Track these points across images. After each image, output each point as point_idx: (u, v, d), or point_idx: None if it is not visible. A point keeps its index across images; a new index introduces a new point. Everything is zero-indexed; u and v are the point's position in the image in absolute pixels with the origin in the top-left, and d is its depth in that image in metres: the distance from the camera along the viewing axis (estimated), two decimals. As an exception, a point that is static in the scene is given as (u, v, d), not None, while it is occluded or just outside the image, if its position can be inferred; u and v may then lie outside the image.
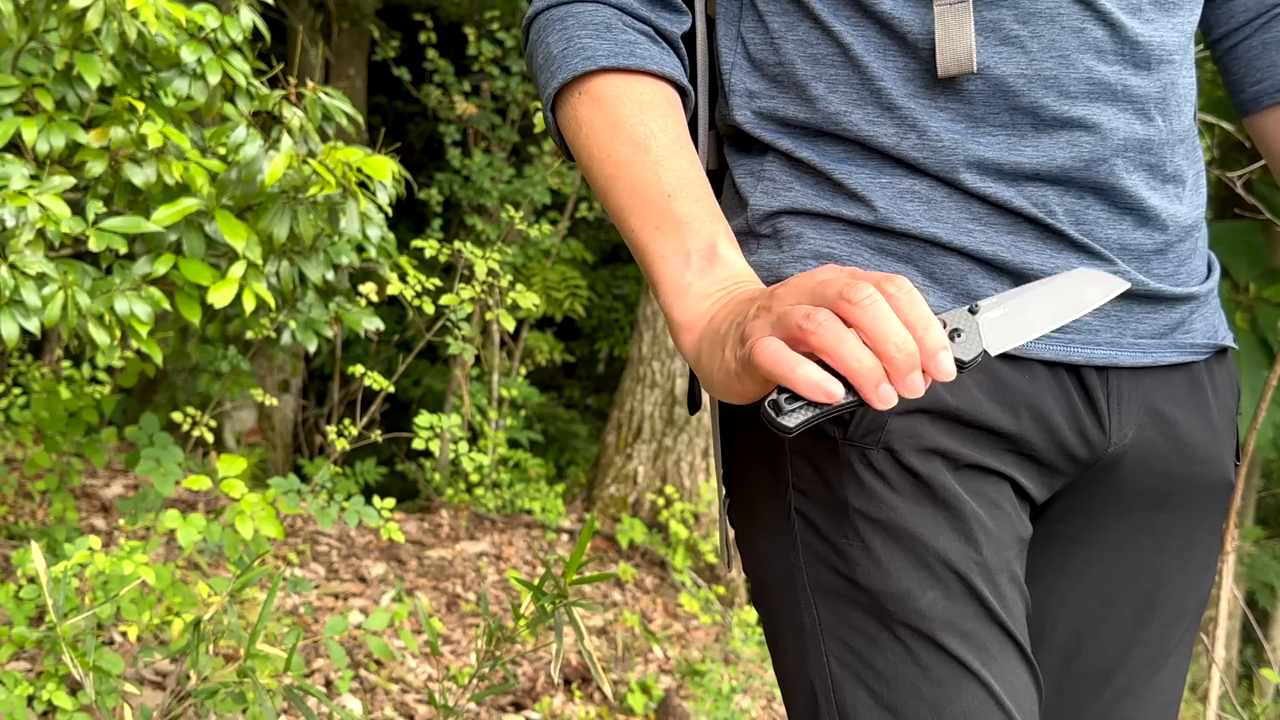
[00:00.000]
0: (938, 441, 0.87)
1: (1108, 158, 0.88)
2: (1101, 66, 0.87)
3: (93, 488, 3.66)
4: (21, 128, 1.68)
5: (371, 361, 5.40)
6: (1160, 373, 0.94)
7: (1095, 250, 0.89)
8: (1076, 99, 0.87)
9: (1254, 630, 6.68)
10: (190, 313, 1.81)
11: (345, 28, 5.42)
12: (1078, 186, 0.89)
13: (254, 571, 1.80)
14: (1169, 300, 0.94)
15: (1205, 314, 0.99)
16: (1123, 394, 0.92)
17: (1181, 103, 0.93)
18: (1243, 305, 5.96)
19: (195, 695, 1.75)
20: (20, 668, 2.13)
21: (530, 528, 4.34)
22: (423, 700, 2.67)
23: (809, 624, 0.89)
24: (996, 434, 0.89)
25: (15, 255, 1.60)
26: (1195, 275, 0.98)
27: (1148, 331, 0.94)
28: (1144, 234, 0.91)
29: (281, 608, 2.92)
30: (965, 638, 0.84)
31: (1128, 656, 0.99)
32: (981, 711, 0.83)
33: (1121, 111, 0.88)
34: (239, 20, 1.90)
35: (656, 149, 0.88)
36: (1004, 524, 0.88)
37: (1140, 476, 0.96)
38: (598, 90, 0.90)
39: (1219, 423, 0.99)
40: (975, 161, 0.88)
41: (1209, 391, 0.99)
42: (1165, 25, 0.90)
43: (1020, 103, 0.88)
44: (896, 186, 0.91)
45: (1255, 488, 7.45)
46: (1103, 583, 0.99)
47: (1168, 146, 0.91)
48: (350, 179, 1.83)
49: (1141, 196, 0.90)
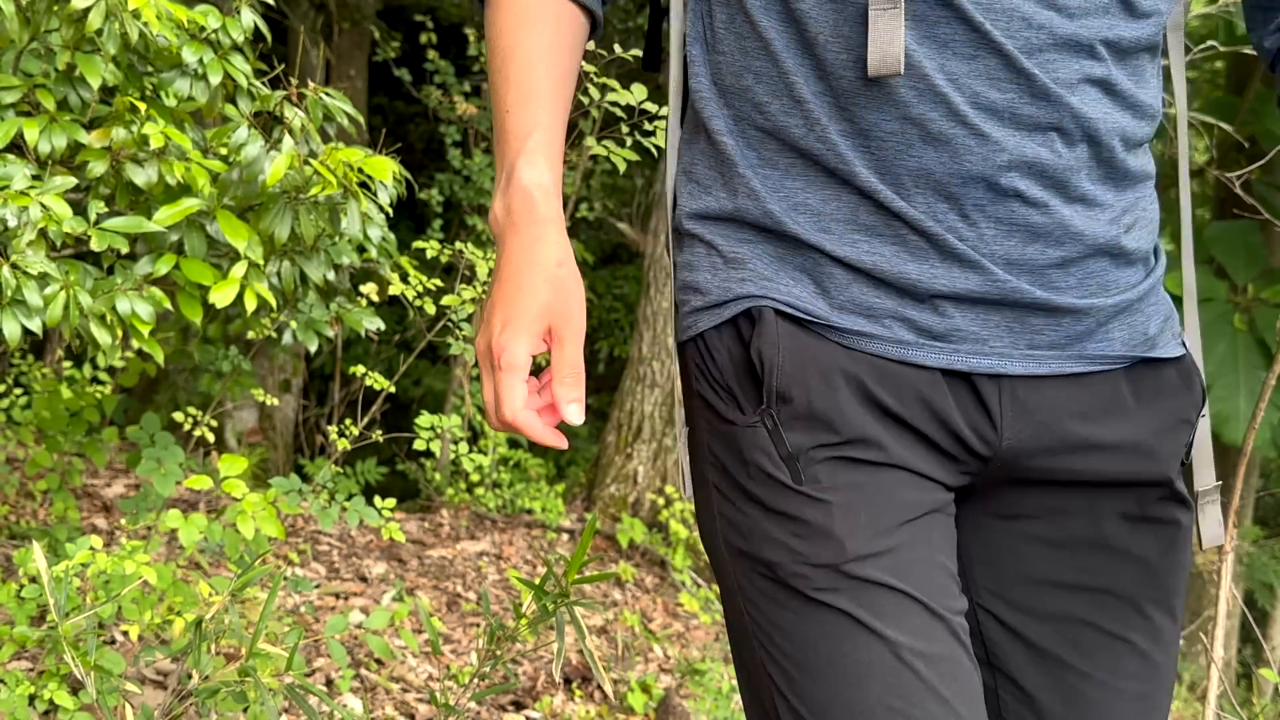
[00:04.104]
0: (816, 436, 0.96)
1: (992, 175, 0.93)
2: (993, 93, 0.92)
3: (94, 487, 3.66)
4: (23, 128, 1.69)
5: (372, 361, 5.40)
6: (1068, 380, 1.00)
7: (974, 261, 0.95)
8: (964, 116, 0.92)
9: (1253, 630, 6.68)
10: (192, 312, 1.82)
11: (346, 29, 5.42)
12: (963, 200, 0.94)
13: (255, 571, 1.81)
14: (1071, 313, 0.98)
15: (1135, 323, 1.03)
16: (1017, 398, 0.98)
17: (1097, 133, 0.96)
18: (1241, 306, 5.96)
19: (197, 694, 1.75)
20: (22, 667, 2.13)
21: (531, 527, 4.34)
22: (424, 699, 2.68)
23: (733, 586, 1.00)
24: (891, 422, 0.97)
25: (17, 255, 1.60)
26: (1113, 287, 1.01)
27: (1045, 342, 0.99)
28: (1037, 249, 0.96)
29: (282, 607, 2.92)
30: (855, 596, 0.93)
31: (1081, 642, 1.04)
32: (878, 662, 0.91)
33: (1012, 133, 0.93)
34: (240, 21, 1.91)
35: (515, 62, 1.01)
36: (882, 500, 0.96)
37: (1057, 472, 1.02)
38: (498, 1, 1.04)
39: (1150, 425, 1.03)
40: (868, 164, 0.95)
41: (1134, 398, 1.03)
42: (1068, 66, 0.94)
43: (909, 114, 0.93)
44: (793, 199, 0.98)
45: (1254, 487, 7.45)
46: (1045, 570, 1.05)
47: (1072, 171, 0.95)
48: (351, 179, 1.84)
49: (1034, 214, 0.95)
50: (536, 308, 0.94)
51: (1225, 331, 5.84)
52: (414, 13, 5.66)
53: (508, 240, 0.97)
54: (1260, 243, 6.27)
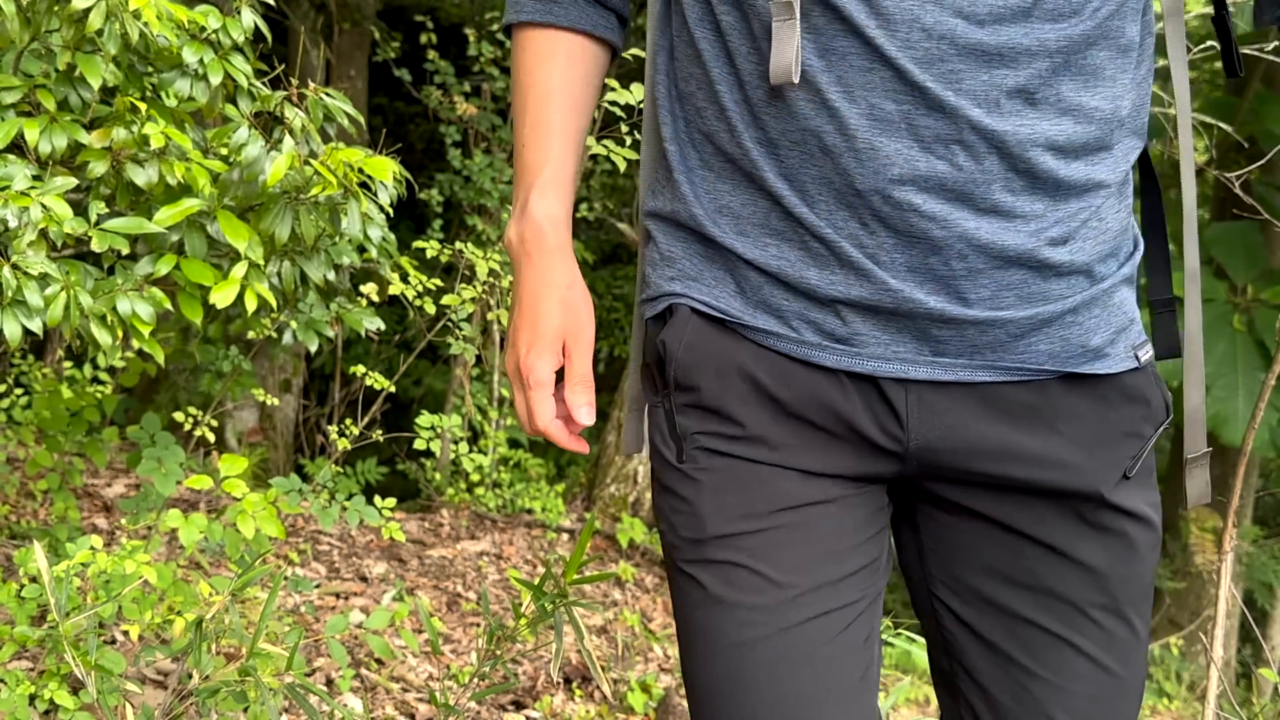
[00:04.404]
0: (706, 424, 1.04)
1: (884, 188, 0.94)
2: (889, 105, 0.93)
3: (94, 487, 3.66)
4: (24, 128, 1.69)
5: (372, 361, 5.40)
6: (981, 387, 1.01)
7: (867, 271, 0.97)
8: (856, 129, 0.94)
9: (1253, 630, 6.68)
10: (192, 313, 1.82)
11: (346, 29, 5.42)
12: (861, 210, 0.96)
13: (255, 571, 1.81)
14: (976, 324, 0.98)
15: (1067, 335, 1.01)
16: (924, 401, 1.00)
17: (1006, 145, 0.94)
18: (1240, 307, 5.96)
19: (197, 694, 1.76)
20: (22, 667, 2.14)
21: (531, 527, 4.35)
22: (424, 699, 2.68)
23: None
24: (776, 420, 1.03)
25: (18, 256, 1.61)
26: (1036, 299, 0.99)
27: (952, 350, 0.99)
28: (939, 260, 0.97)
29: (283, 607, 2.93)
30: (713, 572, 1.03)
31: (1029, 641, 1.07)
32: (725, 638, 1.02)
33: (907, 146, 0.94)
34: (240, 21, 1.91)
35: (532, 100, 1.10)
36: (756, 487, 1.03)
37: (982, 476, 1.04)
38: (520, 39, 1.12)
39: (1081, 438, 1.03)
40: (776, 172, 0.99)
41: (1063, 410, 1.03)
42: (975, 76, 0.93)
43: (808, 125, 0.96)
44: (720, 201, 1.04)
45: (1253, 487, 7.45)
46: (992, 565, 1.08)
47: (978, 184, 0.95)
48: (351, 180, 1.84)
49: (932, 227, 0.95)
50: (552, 330, 1.06)
51: (1225, 332, 5.85)
52: (414, 13, 5.65)
53: (523, 268, 1.10)
54: (1260, 243, 6.27)
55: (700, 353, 1.04)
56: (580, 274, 1.10)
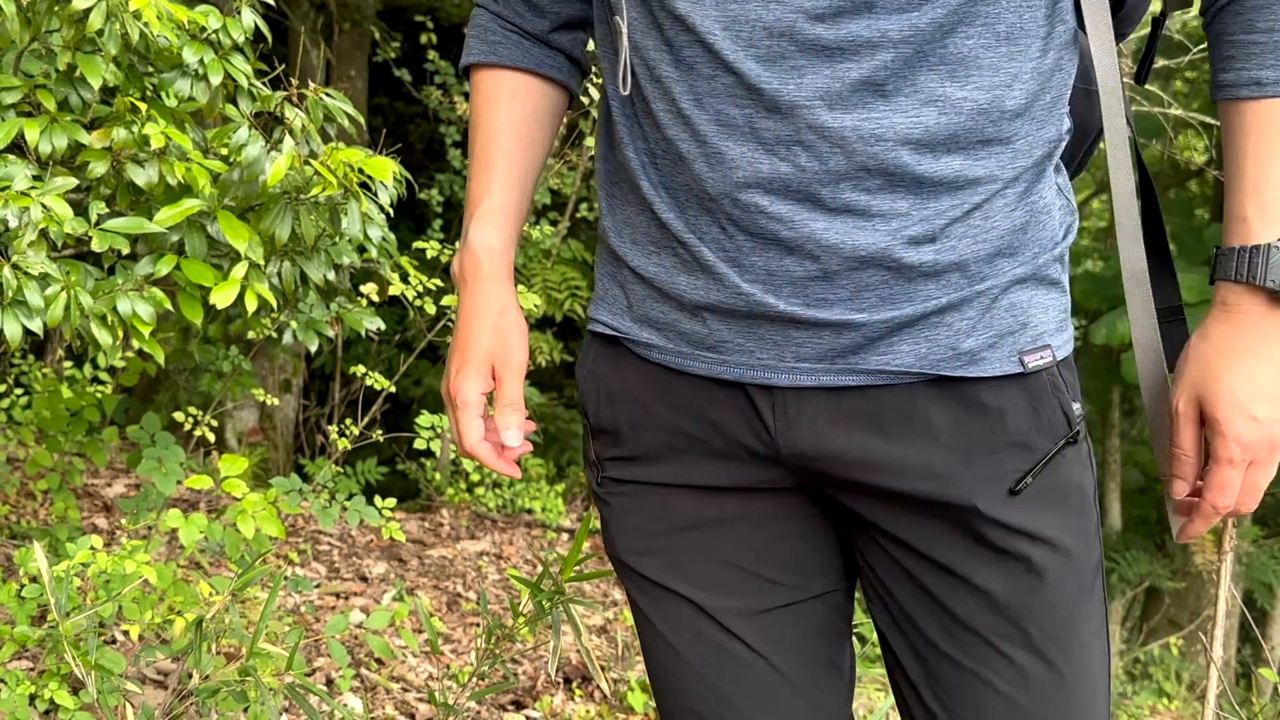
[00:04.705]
0: (607, 449, 1.11)
1: (732, 191, 0.95)
2: (732, 110, 0.95)
3: (95, 487, 3.66)
4: (24, 128, 1.69)
5: (373, 361, 5.40)
6: (843, 392, 0.99)
7: (722, 275, 0.98)
8: (706, 135, 0.96)
9: (1252, 629, 6.68)
10: (192, 313, 1.82)
11: (346, 29, 5.43)
12: (718, 215, 0.97)
13: (255, 571, 1.81)
14: (832, 326, 0.97)
15: (935, 337, 0.98)
16: (789, 408, 1.01)
17: (848, 141, 0.92)
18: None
19: (197, 694, 1.76)
20: (22, 667, 2.14)
21: (531, 527, 4.35)
22: (423, 699, 2.68)
23: None
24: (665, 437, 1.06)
25: (18, 256, 1.61)
26: (900, 299, 0.96)
27: (811, 355, 0.99)
28: (794, 262, 0.96)
29: (283, 607, 2.93)
30: (638, 586, 1.11)
31: (940, 676, 1.06)
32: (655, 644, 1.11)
33: (751, 150, 0.94)
34: (241, 21, 1.91)
35: (480, 136, 1.16)
36: (656, 508, 1.09)
37: (859, 485, 1.02)
38: (474, 80, 1.18)
39: (956, 445, 0.99)
40: (652, 181, 1.03)
41: (936, 416, 0.99)
42: (818, 72, 0.92)
43: (666, 134, 0.99)
44: (623, 213, 1.07)
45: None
46: (896, 583, 1.07)
47: (825, 183, 0.93)
48: (352, 180, 1.84)
49: (781, 229, 0.95)
50: (481, 353, 1.11)
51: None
52: (414, 13, 5.66)
53: (461, 295, 1.15)
54: (1260, 243, 6.25)
55: (599, 379, 1.11)
56: (516, 302, 1.14)
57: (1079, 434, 1.03)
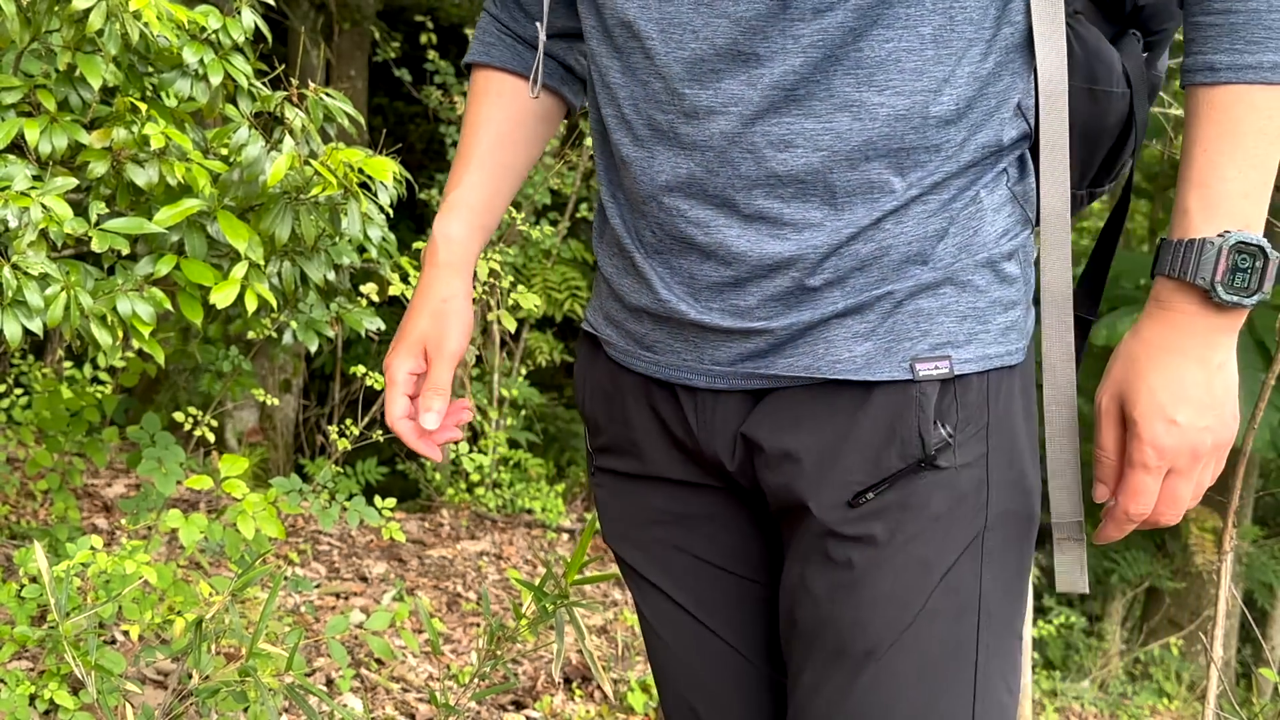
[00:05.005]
0: (594, 439, 1.15)
1: (658, 195, 0.97)
2: (659, 115, 0.96)
3: (94, 487, 3.66)
4: (24, 128, 1.69)
5: (373, 361, 5.39)
6: (751, 395, 1.00)
7: (648, 279, 1.01)
8: (642, 140, 0.98)
9: (1252, 629, 6.68)
10: (192, 313, 1.82)
11: (346, 29, 5.42)
12: (650, 217, 0.99)
13: (255, 571, 1.81)
14: (740, 334, 0.97)
15: (831, 340, 0.95)
16: (706, 410, 1.03)
17: (757, 147, 0.92)
18: (1242, 305, 5.94)
19: (197, 694, 1.76)
20: (22, 667, 2.14)
21: (531, 527, 4.35)
22: (424, 699, 2.68)
23: None
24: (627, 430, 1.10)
25: (18, 256, 1.61)
26: (804, 306, 0.95)
27: (724, 359, 1.00)
28: (710, 267, 0.97)
29: (283, 607, 2.93)
30: (627, 573, 1.15)
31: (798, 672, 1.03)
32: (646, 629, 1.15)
33: (674, 154, 0.96)
34: (241, 21, 1.91)
35: (464, 131, 1.19)
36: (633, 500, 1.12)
37: (767, 491, 1.03)
38: (470, 78, 1.22)
39: (824, 450, 0.97)
40: (609, 184, 1.06)
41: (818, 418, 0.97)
42: (736, 77, 0.92)
43: (611, 139, 1.02)
44: (599, 215, 1.10)
45: (1253, 488, 7.45)
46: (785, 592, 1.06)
47: (738, 190, 0.93)
48: (352, 180, 1.84)
49: (694, 234, 0.97)
50: (416, 334, 1.13)
51: (1225, 332, 5.82)
52: (414, 13, 5.65)
53: (420, 276, 1.18)
54: (1260, 243, 6.25)
55: (582, 372, 1.15)
56: (465, 292, 1.15)
57: (935, 462, 0.95)
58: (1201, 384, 0.91)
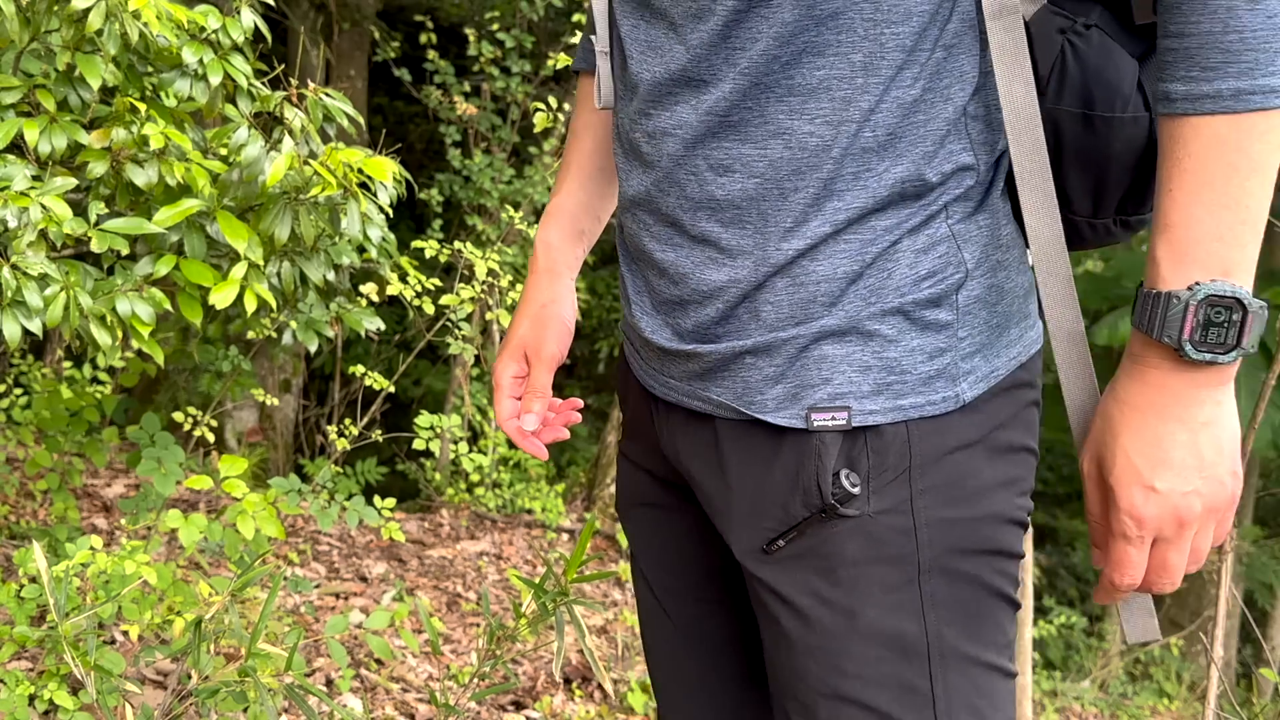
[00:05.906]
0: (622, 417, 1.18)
1: (630, 208, 1.01)
2: (634, 133, 0.98)
3: (94, 487, 3.66)
4: (24, 128, 1.69)
5: (372, 361, 5.40)
6: (690, 415, 1.02)
7: (625, 286, 1.05)
8: (624, 153, 1.01)
9: (1253, 630, 6.68)
10: (192, 313, 1.82)
11: (346, 29, 5.42)
12: (628, 227, 1.03)
13: (255, 571, 1.81)
14: (682, 354, 0.99)
15: (748, 376, 0.93)
16: (664, 421, 1.05)
17: (680, 173, 0.93)
18: (1242, 305, 5.94)
19: (196, 694, 1.75)
20: (22, 667, 2.14)
21: (531, 527, 4.35)
22: (424, 699, 2.68)
23: None
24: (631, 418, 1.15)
25: (17, 256, 1.61)
26: (731, 335, 0.94)
27: (676, 375, 1.02)
28: (665, 284, 0.99)
29: (282, 607, 2.93)
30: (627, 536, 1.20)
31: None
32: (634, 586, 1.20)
33: (640, 171, 0.99)
34: (240, 21, 1.91)
35: (568, 137, 1.22)
36: (629, 480, 1.17)
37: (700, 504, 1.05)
38: (578, 84, 1.24)
39: (739, 489, 0.96)
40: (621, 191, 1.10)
41: (736, 454, 0.96)
42: (683, 101, 0.93)
43: (614, 149, 1.05)
44: None
45: (1254, 487, 7.45)
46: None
47: (684, 210, 0.95)
48: (351, 180, 1.84)
49: (653, 250, 0.99)
50: (517, 339, 1.15)
51: (1225, 331, 5.82)
52: (414, 13, 5.65)
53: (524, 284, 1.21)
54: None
55: (621, 367, 1.17)
56: (564, 297, 1.17)
57: (838, 511, 0.90)
58: (1184, 445, 0.83)
